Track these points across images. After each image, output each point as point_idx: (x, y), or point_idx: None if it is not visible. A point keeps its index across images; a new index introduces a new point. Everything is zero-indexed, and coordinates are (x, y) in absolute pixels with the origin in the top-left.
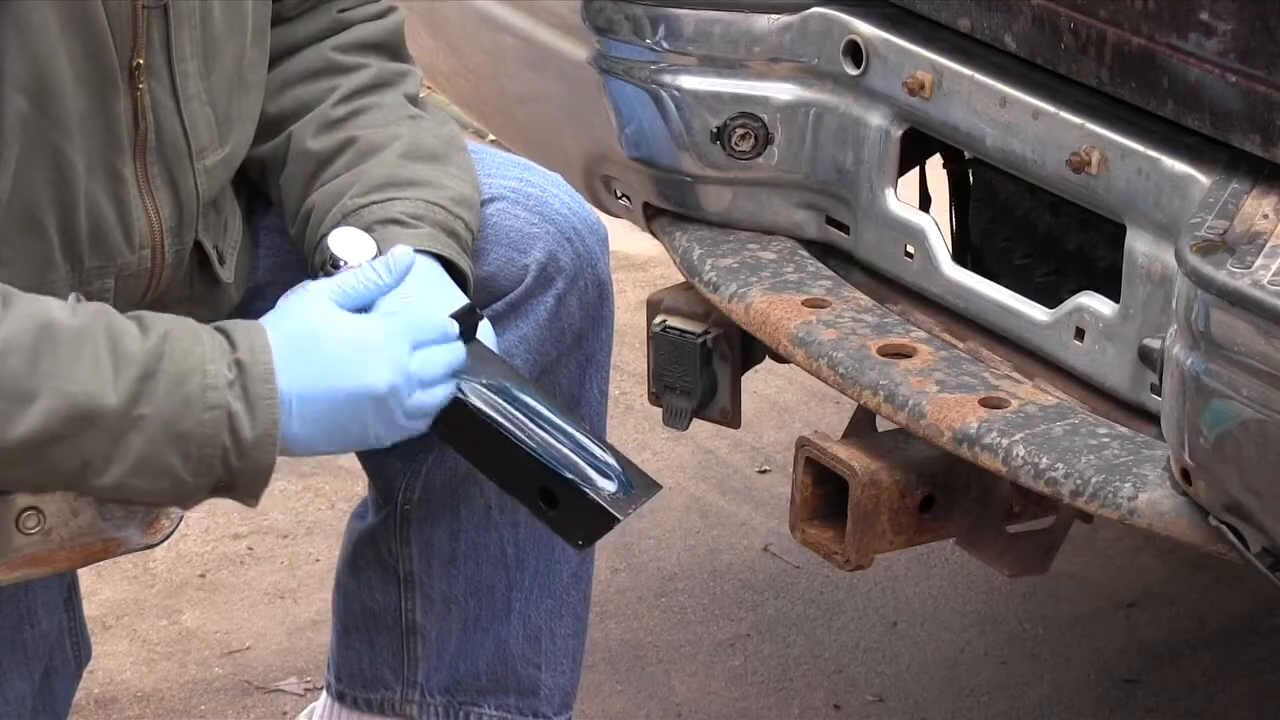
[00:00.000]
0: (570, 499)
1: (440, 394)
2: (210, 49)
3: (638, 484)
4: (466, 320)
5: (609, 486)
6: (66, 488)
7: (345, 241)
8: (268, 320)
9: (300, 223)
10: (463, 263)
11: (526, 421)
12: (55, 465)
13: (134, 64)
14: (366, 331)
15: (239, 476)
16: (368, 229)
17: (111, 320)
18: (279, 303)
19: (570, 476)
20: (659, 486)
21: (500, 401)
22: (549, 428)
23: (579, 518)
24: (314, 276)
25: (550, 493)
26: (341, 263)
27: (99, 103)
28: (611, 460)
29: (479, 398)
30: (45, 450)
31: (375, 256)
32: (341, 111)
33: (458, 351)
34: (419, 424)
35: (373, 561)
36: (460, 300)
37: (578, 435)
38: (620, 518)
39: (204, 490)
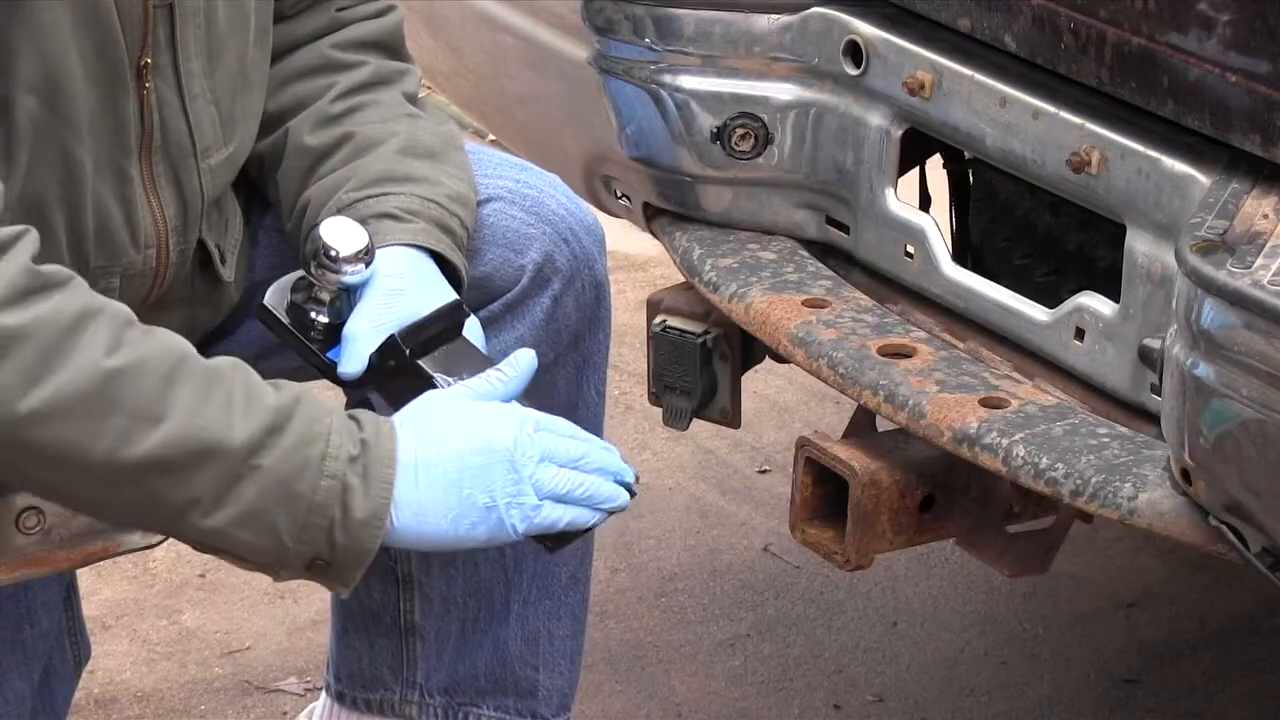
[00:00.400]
0: None
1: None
2: (214, 48)
3: None
4: (452, 317)
5: None
6: (163, 524)
7: (336, 231)
8: (398, 414)
9: (296, 218)
10: (456, 259)
11: None
12: (162, 496)
13: (141, 63)
14: (488, 405)
15: (339, 554)
16: (361, 223)
17: (248, 372)
18: (410, 407)
19: None
20: (634, 493)
21: None
22: None
23: None
24: (306, 268)
25: None
26: (333, 251)
27: (108, 102)
28: None
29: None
30: (158, 477)
31: (366, 248)
32: (339, 108)
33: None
34: (550, 510)
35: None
36: (448, 295)
37: None
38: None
39: (302, 561)
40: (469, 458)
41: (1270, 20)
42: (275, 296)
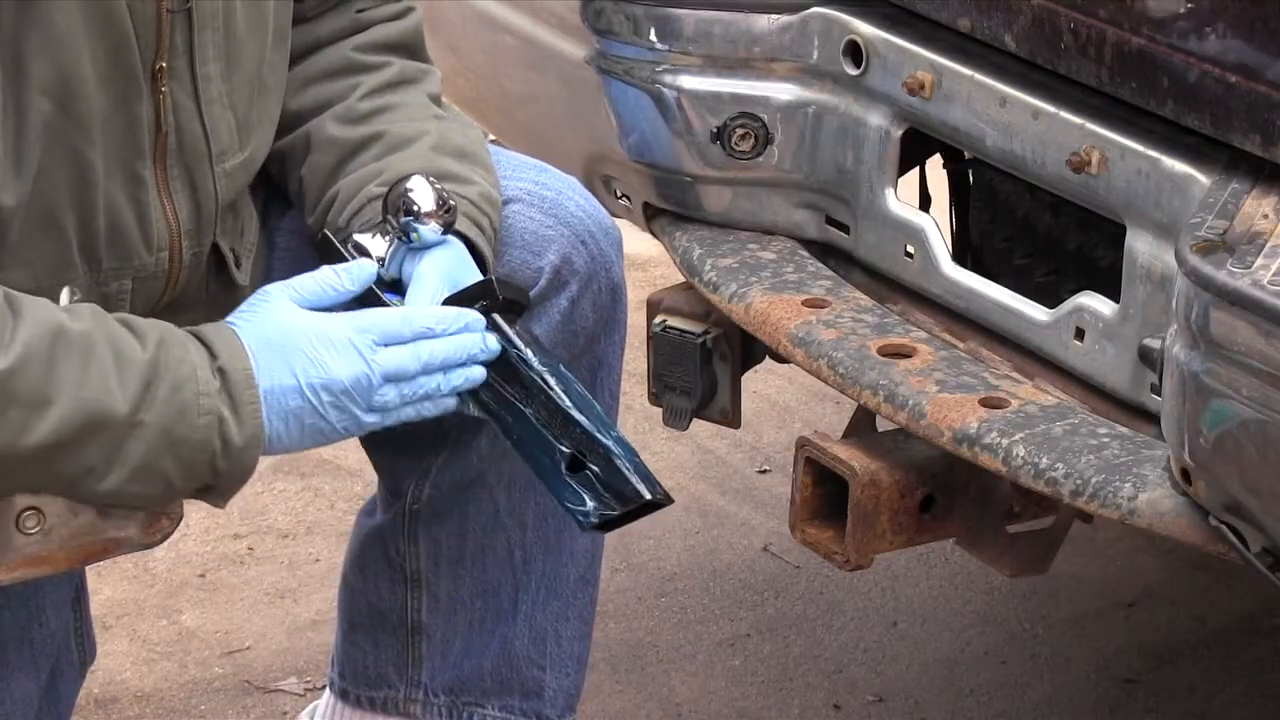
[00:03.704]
0: (604, 467)
1: (421, 387)
2: (232, 52)
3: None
4: (522, 297)
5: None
6: (60, 493)
7: (424, 187)
8: (236, 320)
9: (321, 211)
10: (487, 252)
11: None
12: (59, 471)
13: (157, 67)
14: (328, 327)
15: (222, 479)
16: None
17: (110, 326)
18: (241, 307)
19: (608, 442)
20: (672, 500)
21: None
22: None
23: (605, 488)
24: (384, 221)
25: (580, 460)
26: (416, 206)
27: (121, 105)
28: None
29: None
30: (53, 457)
31: (449, 208)
32: (367, 106)
33: (440, 348)
34: (386, 418)
35: (380, 560)
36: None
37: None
38: (649, 496)
39: (188, 494)
40: (310, 396)
41: (1270, 20)
42: (337, 230)
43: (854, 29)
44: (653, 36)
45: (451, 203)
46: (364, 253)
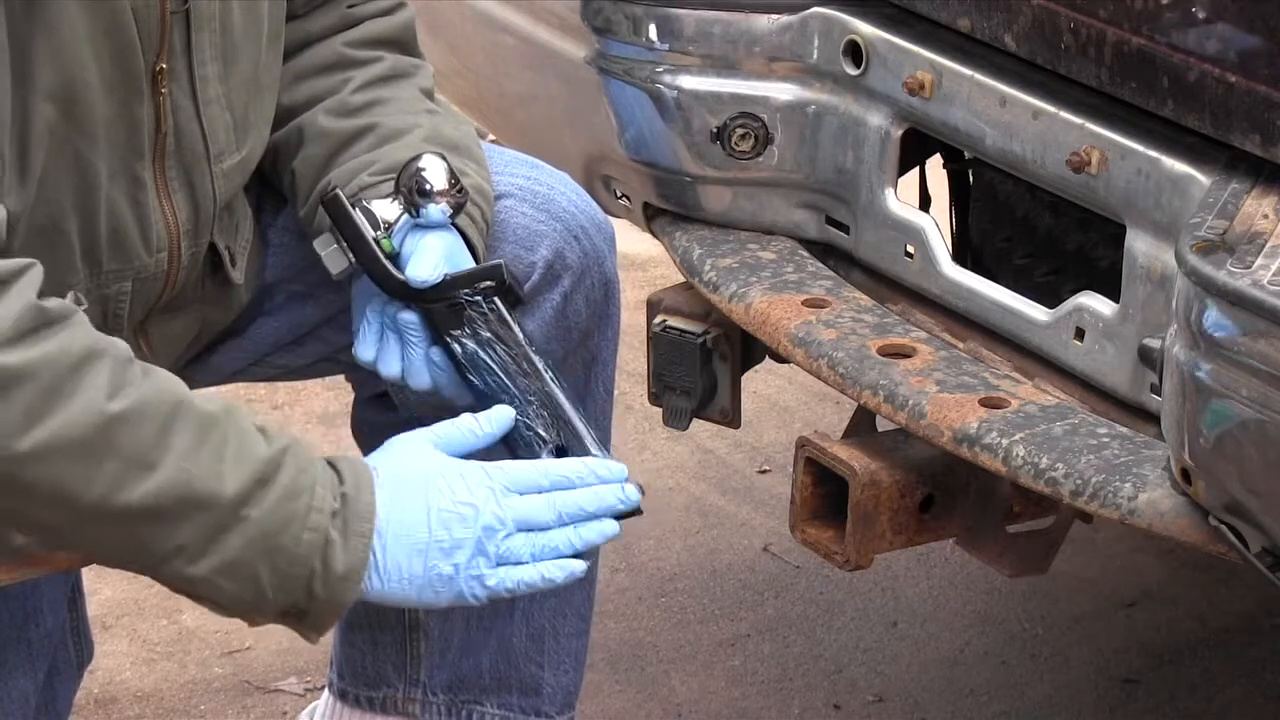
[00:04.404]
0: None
1: (553, 540)
2: (229, 52)
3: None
4: (517, 290)
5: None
6: (148, 568)
7: (435, 166)
8: (373, 459)
9: (314, 202)
10: (479, 245)
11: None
12: (149, 541)
13: (157, 69)
14: (464, 469)
15: (316, 605)
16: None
17: (240, 419)
18: (380, 449)
19: (596, 450)
20: (641, 511)
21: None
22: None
23: None
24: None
25: (564, 452)
26: (428, 185)
27: (124, 108)
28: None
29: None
30: (146, 524)
31: (459, 188)
32: (360, 99)
33: (576, 498)
34: (511, 576)
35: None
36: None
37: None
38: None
39: (277, 611)
40: (437, 531)
41: (1270, 20)
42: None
43: (854, 29)
44: (653, 36)
45: (461, 184)
46: (371, 217)
